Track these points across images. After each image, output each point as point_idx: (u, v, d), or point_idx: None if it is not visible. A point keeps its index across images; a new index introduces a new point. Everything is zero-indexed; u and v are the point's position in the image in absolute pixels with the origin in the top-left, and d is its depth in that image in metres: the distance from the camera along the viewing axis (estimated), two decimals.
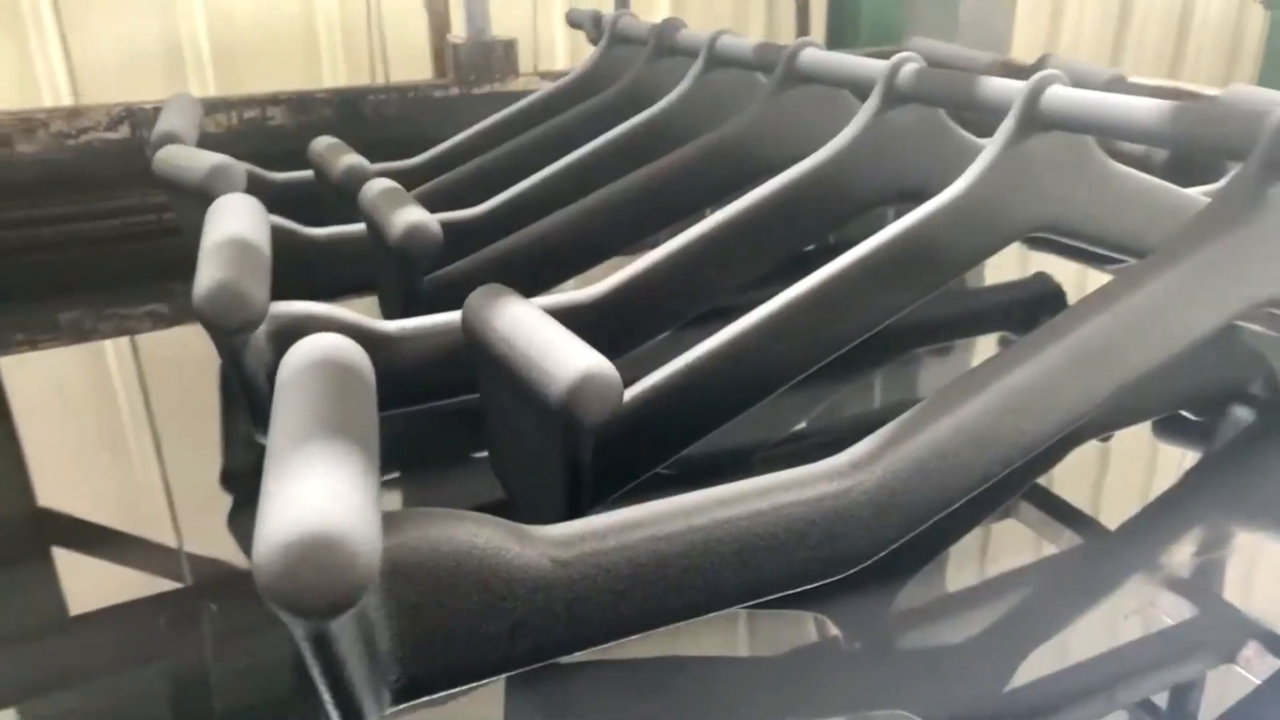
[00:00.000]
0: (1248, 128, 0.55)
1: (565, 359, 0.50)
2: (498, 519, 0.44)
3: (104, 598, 0.56)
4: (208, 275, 0.54)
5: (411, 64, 1.82)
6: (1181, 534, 0.60)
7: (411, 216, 0.74)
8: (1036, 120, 0.67)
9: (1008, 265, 1.04)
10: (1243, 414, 0.75)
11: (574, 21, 1.35)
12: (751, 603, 0.49)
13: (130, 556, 0.61)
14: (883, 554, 0.51)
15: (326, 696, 0.37)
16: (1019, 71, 0.92)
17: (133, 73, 1.75)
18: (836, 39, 1.95)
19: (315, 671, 0.36)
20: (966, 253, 0.68)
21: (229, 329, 0.54)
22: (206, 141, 0.97)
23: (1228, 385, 0.78)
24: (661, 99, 1.02)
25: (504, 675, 0.45)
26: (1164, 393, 0.74)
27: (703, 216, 0.79)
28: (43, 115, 1.17)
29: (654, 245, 0.78)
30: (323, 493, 0.33)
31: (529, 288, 0.66)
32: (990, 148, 0.68)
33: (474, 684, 0.44)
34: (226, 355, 0.58)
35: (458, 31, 1.45)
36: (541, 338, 0.54)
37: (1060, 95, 0.66)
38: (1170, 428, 0.73)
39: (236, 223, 0.62)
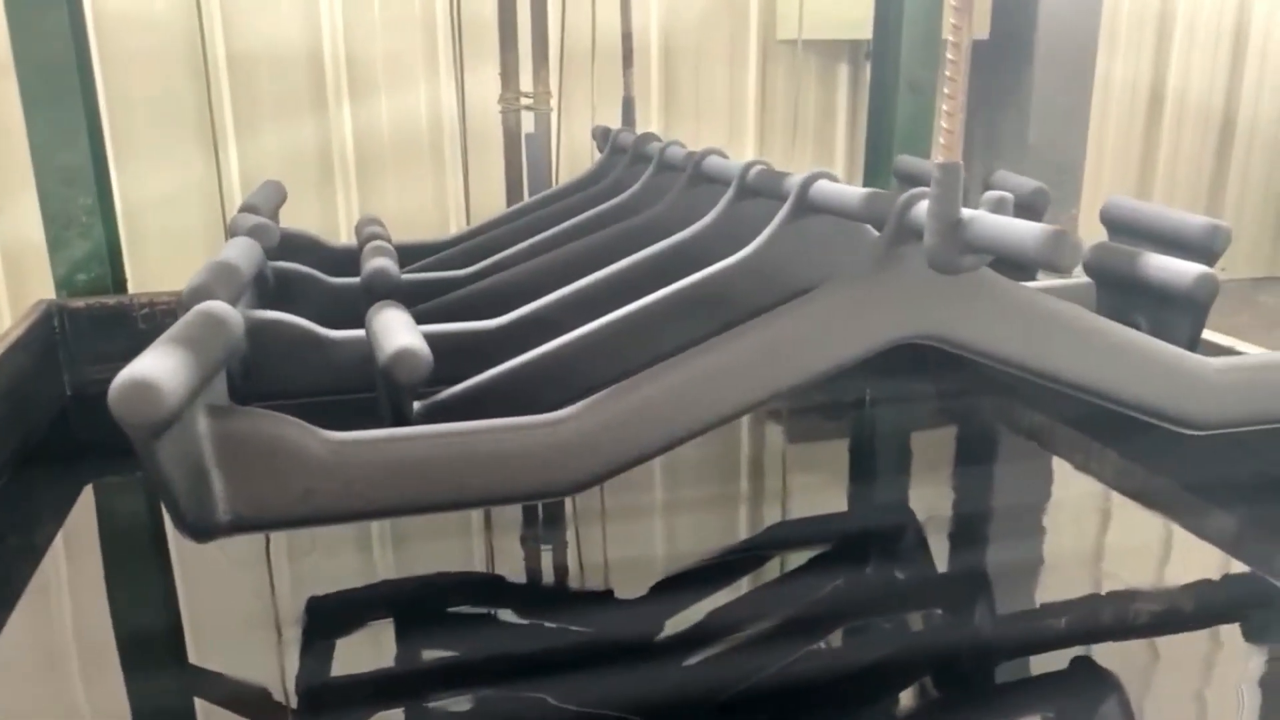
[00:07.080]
0: (887, 207, 0.76)
1: (392, 340, 0.77)
2: (311, 426, 0.69)
3: None
4: None
5: None
6: None
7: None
8: (805, 205, 0.90)
9: None
10: None
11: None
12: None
13: None
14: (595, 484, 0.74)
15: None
16: None
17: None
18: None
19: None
20: (751, 303, 0.90)
21: None
22: None
23: None
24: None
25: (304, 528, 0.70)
26: None
27: None
28: None
29: None
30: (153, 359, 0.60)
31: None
32: (770, 225, 0.91)
33: (284, 529, 0.70)
34: None
35: None
36: (391, 328, 0.80)
37: (821, 188, 0.89)
38: None
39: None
